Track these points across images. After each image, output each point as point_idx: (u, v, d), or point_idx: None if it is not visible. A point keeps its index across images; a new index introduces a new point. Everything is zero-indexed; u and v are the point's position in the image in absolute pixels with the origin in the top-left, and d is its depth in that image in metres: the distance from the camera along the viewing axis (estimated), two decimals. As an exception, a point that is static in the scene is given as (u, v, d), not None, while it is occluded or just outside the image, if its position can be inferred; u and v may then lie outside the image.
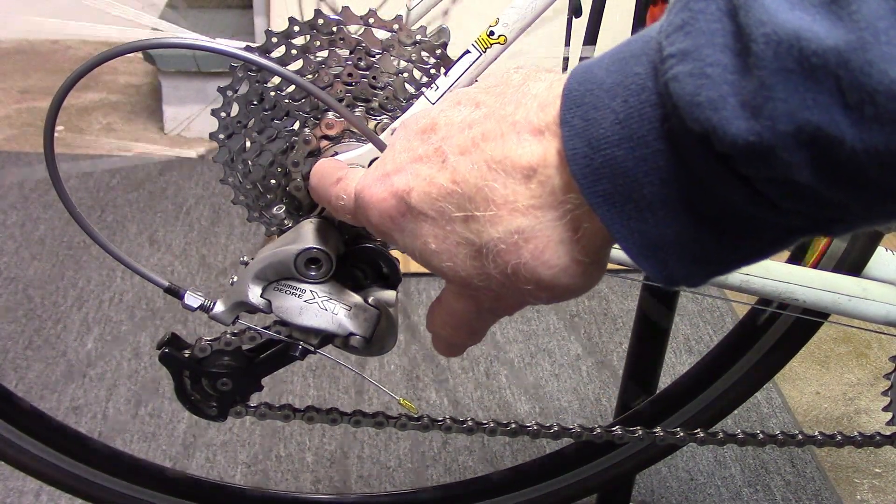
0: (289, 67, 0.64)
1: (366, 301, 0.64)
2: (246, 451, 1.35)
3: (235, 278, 0.64)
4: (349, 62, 0.65)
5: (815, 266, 0.83)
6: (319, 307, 0.63)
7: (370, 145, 0.64)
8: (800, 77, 0.30)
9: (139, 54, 2.35)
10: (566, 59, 1.07)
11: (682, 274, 0.38)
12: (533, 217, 0.39)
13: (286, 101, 0.66)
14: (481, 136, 0.41)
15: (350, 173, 0.53)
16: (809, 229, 0.36)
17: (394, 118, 0.65)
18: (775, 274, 0.77)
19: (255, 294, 0.63)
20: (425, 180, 0.42)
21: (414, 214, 0.43)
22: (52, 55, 2.66)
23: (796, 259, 0.87)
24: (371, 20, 0.65)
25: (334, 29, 0.65)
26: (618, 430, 0.89)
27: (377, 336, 0.64)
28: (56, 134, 0.59)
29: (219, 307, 0.64)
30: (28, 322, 1.60)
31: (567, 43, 1.06)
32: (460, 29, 0.69)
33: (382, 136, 0.64)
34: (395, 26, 0.65)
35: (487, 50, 0.63)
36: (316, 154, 0.66)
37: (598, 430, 0.88)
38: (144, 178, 2.08)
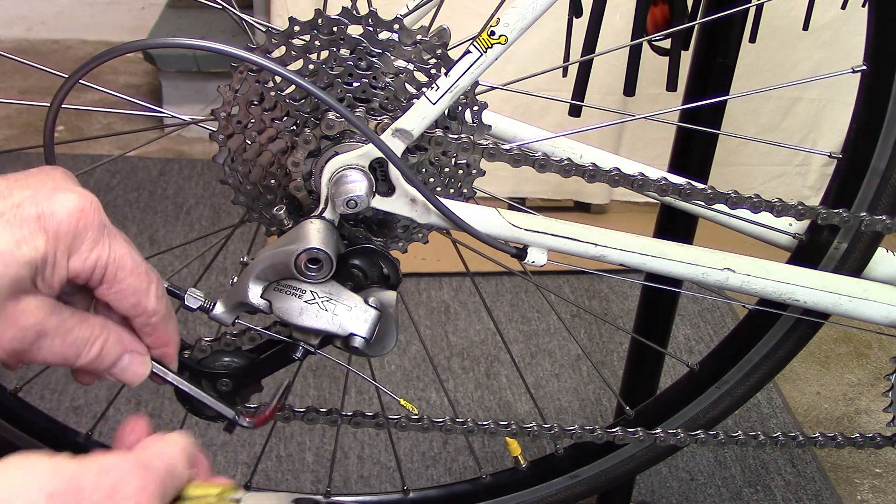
0: (289, 67, 0.64)
1: (366, 301, 0.63)
2: (246, 452, 1.35)
3: (236, 279, 0.63)
4: (349, 62, 0.65)
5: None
6: (320, 308, 0.63)
7: (370, 145, 0.64)
8: None
9: (139, 54, 2.34)
10: (566, 59, 1.07)
11: None
12: None
13: (286, 101, 0.66)
14: None
15: None
16: None
17: (394, 118, 0.65)
18: (776, 275, 0.77)
19: (255, 294, 0.62)
20: None
21: None
22: (52, 55, 2.66)
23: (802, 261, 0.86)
24: (371, 20, 0.65)
25: (335, 29, 0.64)
26: (618, 431, 0.89)
27: (377, 336, 0.64)
28: (56, 134, 0.59)
29: (219, 308, 0.64)
30: (28, 322, 1.59)
31: (567, 43, 1.06)
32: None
33: (383, 137, 0.64)
34: (395, 26, 0.65)
35: (488, 50, 0.63)
36: (316, 154, 0.66)
37: (598, 432, 0.88)
38: (144, 177, 2.07)
